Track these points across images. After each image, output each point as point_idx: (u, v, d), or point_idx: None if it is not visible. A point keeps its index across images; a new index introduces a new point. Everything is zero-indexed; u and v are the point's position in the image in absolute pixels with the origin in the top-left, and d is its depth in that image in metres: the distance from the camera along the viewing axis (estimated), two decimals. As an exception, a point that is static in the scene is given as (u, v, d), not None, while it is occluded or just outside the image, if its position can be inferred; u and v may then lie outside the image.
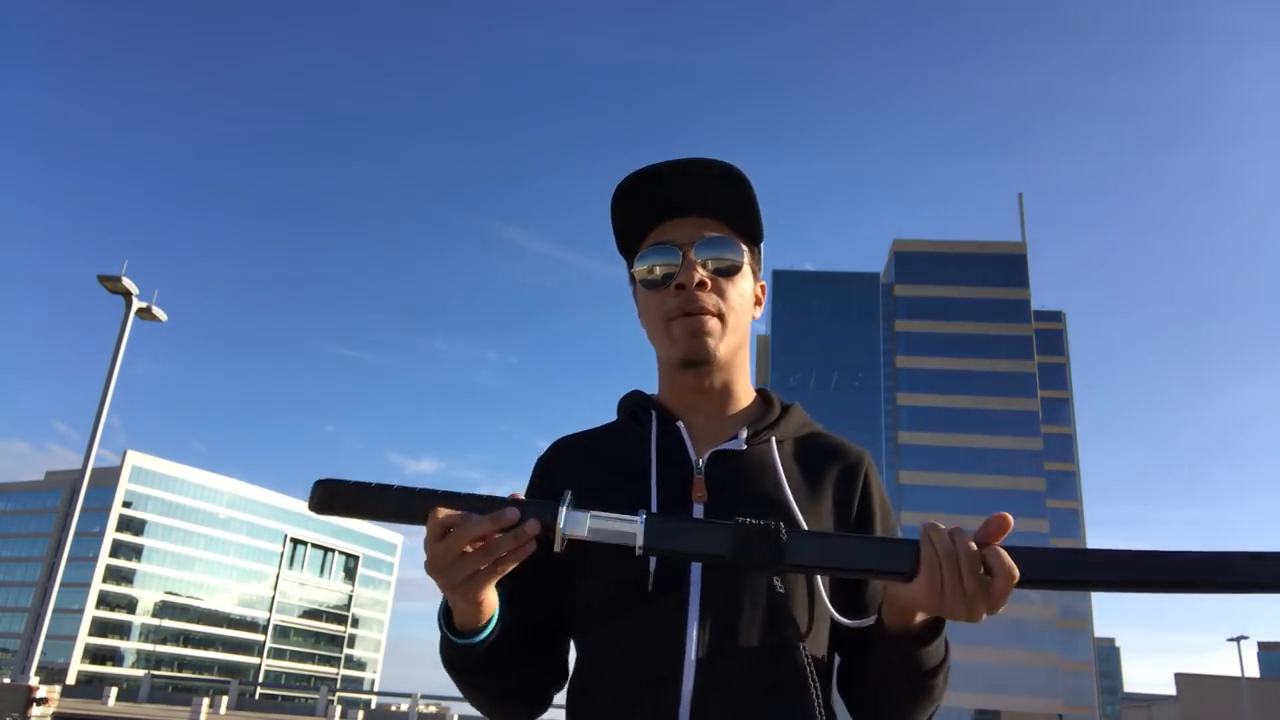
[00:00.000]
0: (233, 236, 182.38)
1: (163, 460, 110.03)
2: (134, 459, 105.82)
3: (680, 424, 1.25)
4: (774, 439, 1.24)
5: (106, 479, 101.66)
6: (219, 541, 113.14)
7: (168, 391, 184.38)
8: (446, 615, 1.08)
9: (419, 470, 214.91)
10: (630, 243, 1.29)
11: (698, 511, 1.15)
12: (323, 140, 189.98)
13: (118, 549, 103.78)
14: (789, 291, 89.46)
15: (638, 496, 1.17)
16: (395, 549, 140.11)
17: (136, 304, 20.02)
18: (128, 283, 19.56)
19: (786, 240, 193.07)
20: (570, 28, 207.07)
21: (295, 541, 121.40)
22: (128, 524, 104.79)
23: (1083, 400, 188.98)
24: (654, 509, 1.14)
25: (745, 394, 1.31)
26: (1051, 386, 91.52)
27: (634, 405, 1.32)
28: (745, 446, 1.22)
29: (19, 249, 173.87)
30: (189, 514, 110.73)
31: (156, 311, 20.62)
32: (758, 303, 1.31)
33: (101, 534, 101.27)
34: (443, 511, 0.94)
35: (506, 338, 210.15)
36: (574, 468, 1.26)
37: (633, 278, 1.30)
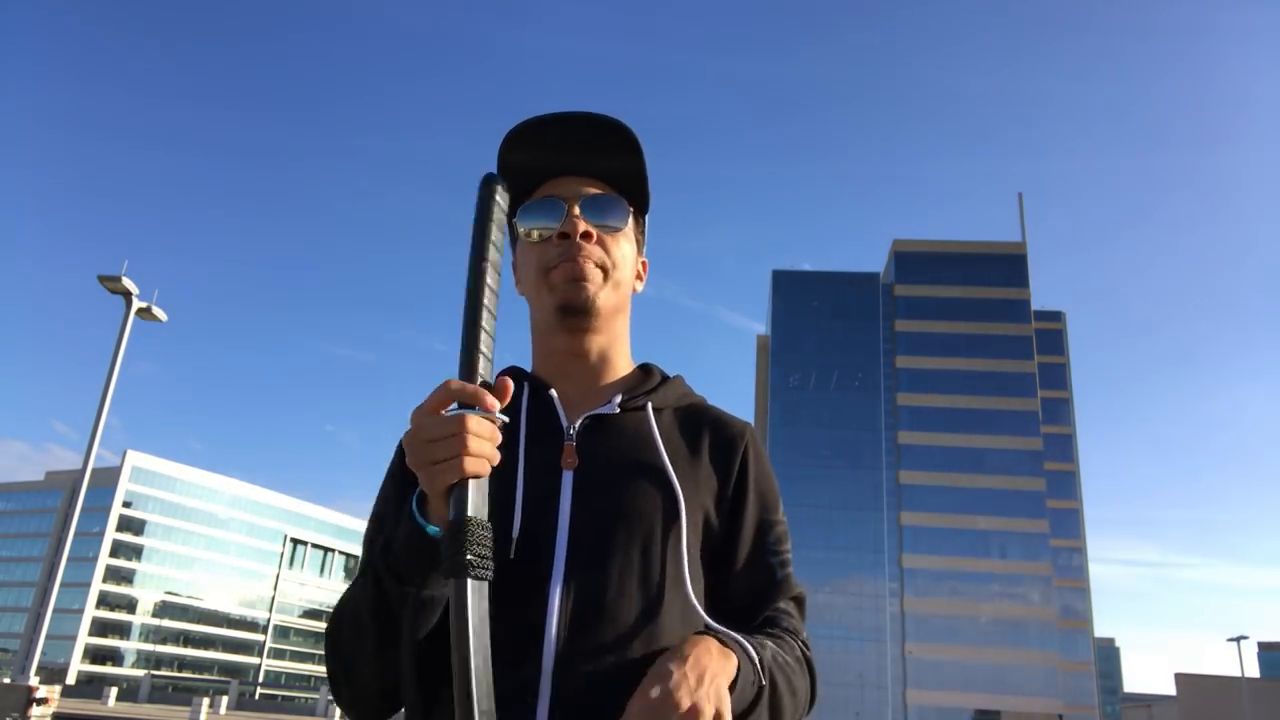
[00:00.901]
0: (231, 236, 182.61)
1: (163, 460, 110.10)
2: (134, 459, 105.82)
3: (552, 392, 1.19)
4: (650, 405, 1.19)
5: (106, 479, 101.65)
6: (219, 541, 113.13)
7: (166, 391, 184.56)
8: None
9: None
10: (512, 202, 1.22)
11: (566, 479, 1.11)
12: (321, 140, 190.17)
13: (118, 549, 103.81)
14: (789, 291, 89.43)
15: (507, 465, 1.09)
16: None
17: (136, 304, 20.00)
18: (128, 283, 19.53)
19: (786, 240, 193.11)
20: (570, 27, 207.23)
21: (295, 541, 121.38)
22: (128, 524, 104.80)
23: (1082, 400, 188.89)
24: (521, 477, 1.10)
25: (624, 364, 1.26)
26: (1051, 386, 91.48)
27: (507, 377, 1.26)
28: (619, 411, 1.17)
29: (16, 249, 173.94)
30: (189, 514, 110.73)
31: (156, 311, 20.59)
32: (639, 277, 1.28)
33: (101, 534, 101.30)
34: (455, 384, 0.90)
35: (504, 338, 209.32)
36: None
37: (513, 237, 1.27)
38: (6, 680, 19.08)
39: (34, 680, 15.54)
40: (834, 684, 72.70)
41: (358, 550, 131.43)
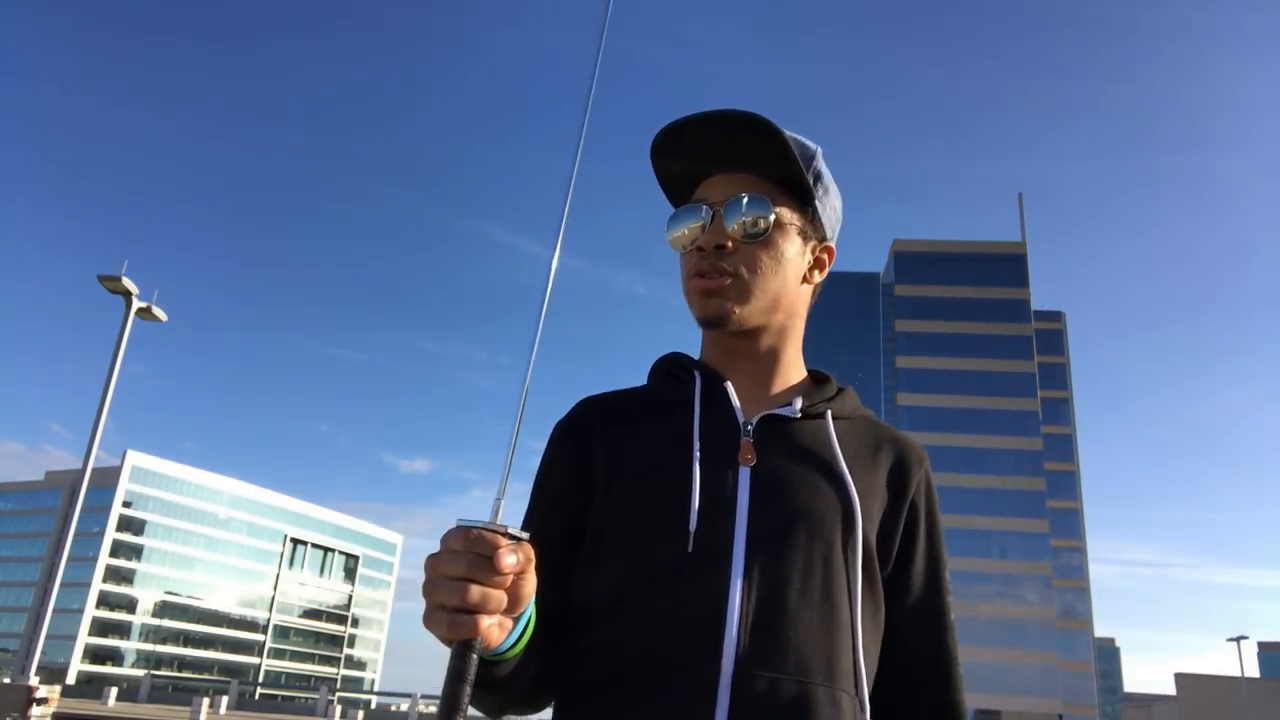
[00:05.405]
0: (223, 237, 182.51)
1: (163, 460, 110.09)
2: (134, 459, 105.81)
3: (728, 384, 1.16)
4: (830, 413, 1.16)
5: (106, 479, 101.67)
6: (219, 541, 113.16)
7: (159, 391, 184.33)
8: None
9: (413, 470, 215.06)
10: (678, 199, 1.24)
11: (743, 475, 1.07)
12: (314, 141, 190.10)
13: (118, 549, 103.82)
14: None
15: (681, 458, 1.08)
16: (395, 549, 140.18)
17: (136, 304, 19.97)
18: (128, 283, 19.51)
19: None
20: (563, 28, 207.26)
21: (295, 541, 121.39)
22: (128, 524, 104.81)
23: (1082, 400, 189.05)
24: (696, 470, 1.06)
25: (795, 367, 1.22)
26: (1051, 386, 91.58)
27: (673, 366, 1.23)
28: (799, 415, 1.14)
29: (9, 250, 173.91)
30: (189, 514, 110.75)
31: (156, 311, 20.55)
32: (819, 267, 1.23)
33: (101, 534, 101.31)
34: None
35: (496, 338, 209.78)
36: (611, 429, 1.15)
37: None
38: (6, 680, 19.09)
39: (34, 680, 15.53)
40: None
41: (357, 550, 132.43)
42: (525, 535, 0.82)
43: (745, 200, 1.14)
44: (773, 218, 1.15)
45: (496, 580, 0.79)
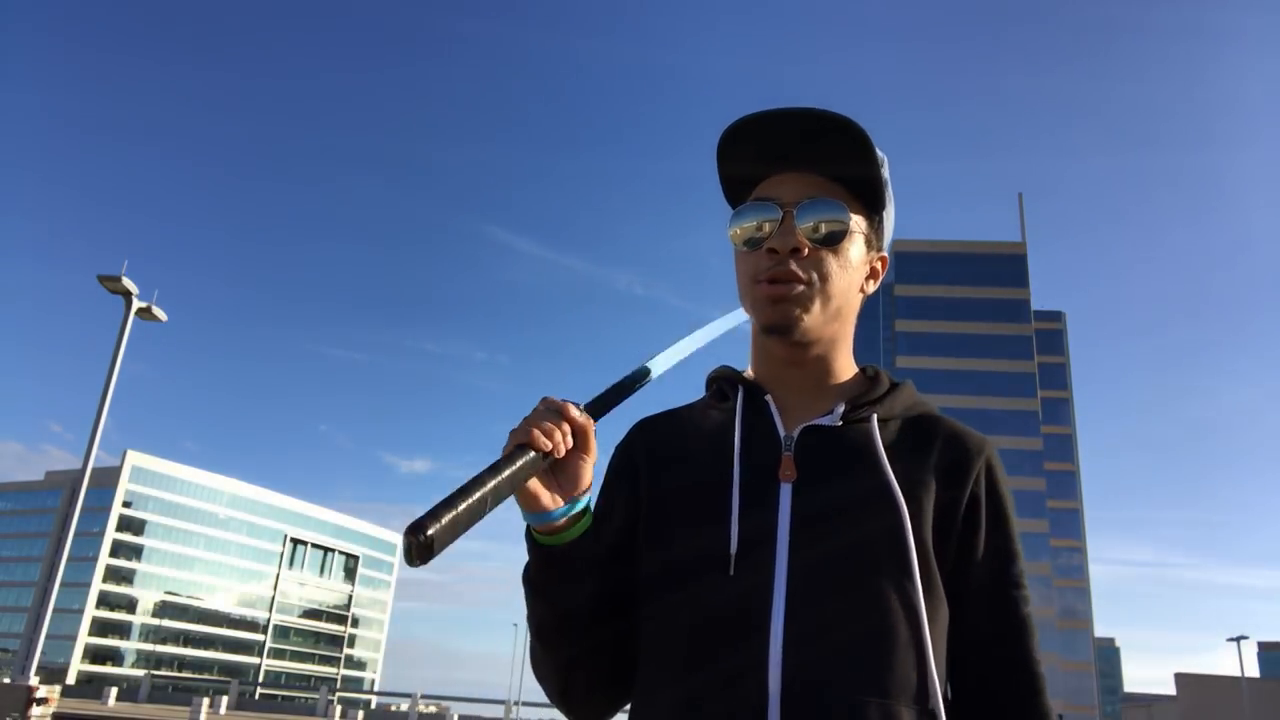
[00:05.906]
0: (224, 237, 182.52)
1: (163, 460, 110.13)
2: (134, 459, 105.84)
3: (768, 397, 1.13)
4: (875, 416, 1.11)
5: (106, 479, 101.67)
6: (219, 541, 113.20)
7: (157, 391, 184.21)
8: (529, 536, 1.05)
9: (412, 470, 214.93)
10: (738, 193, 1.19)
11: (784, 492, 1.05)
12: (313, 142, 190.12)
13: (118, 549, 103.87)
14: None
15: (721, 476, 1.07)
16: (395, 549, 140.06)
17: (137, 304, 19.99)
18: (128, 283, 19.54)
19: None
20: (563, 28, 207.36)
21: (295, 541, 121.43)
22: (128, 524, 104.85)
23: (1082, 400, 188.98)
24: (736, 490, 1.05)
25: (846, 370, 1.19)
26: (1051, 386, 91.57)
27: (719, 380, 1.21)
28: (841, 423, 1.10)
29: (9, 250, 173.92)
30: (189, 514, 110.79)
31: (156, 311, 20.57)
32: (874, 277, 1.20)
33: (101, 534, 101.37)
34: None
35: (496, 338, 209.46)
36: (655, 449, 1.17)
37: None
38: (6, 680, 19.10)
39: (34, 680, 15.53)
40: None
41: (358, 550, 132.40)
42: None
43: (822, 203, 1.11)
44: (849, 223, 1.12)
45: (563, 425, 0.95)
